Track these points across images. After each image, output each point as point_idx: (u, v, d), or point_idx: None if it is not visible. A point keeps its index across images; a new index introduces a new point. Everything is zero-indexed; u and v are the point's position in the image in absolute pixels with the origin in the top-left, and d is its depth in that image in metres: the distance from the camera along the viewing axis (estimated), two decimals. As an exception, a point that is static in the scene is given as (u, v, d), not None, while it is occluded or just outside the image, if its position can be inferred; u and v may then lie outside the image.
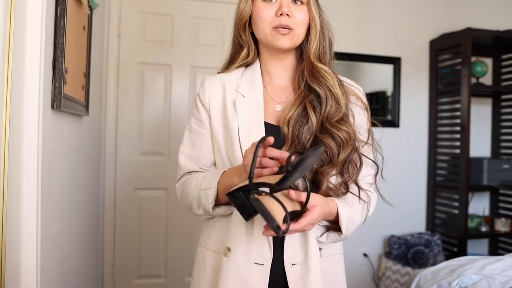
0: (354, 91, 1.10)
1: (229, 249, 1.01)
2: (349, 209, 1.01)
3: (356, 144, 1.03)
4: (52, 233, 1.29)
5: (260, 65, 1.13)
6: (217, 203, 1.04)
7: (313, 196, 0.91)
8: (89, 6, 1.68)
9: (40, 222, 1.12)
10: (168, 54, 2.66)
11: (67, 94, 1.35)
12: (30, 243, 1.09)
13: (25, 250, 1.08)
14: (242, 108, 1.06)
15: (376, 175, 1.09)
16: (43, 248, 1.17)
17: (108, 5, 2.53)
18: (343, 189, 1.03)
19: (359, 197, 1.04)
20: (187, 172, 1.13)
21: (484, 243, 3.22)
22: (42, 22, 1.09)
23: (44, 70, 1.12)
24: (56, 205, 1.34)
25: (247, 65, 1.14)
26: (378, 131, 1.15)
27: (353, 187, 1.04)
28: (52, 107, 1.24)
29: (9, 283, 1.07)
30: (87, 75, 1.73)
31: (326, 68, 1.05)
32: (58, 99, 1.24)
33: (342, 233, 1.01)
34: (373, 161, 1.08)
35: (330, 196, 1.01)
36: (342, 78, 1.11)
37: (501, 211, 3.15)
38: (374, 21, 2.97)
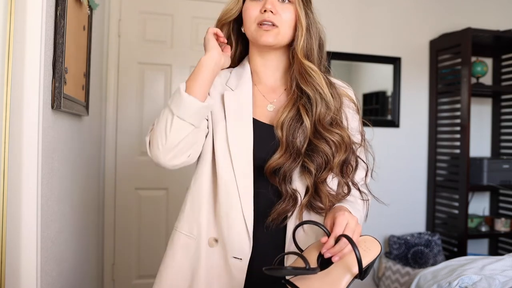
0: (346, 93, 1.11)
1: (216, 240, 1.04)
2: (358, 213, 1.03)
3: (354, 147, 1.05)
4: (52, 233, 1.29)
5: (250, 66, 1.14)
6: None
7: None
8: (89, 6, 1.68)
9: (40, 222, 1.12)
10: (168, 54, 2.66)
11: (67, 94, 1.35)
12: (30, 243, 1.09)
13: (25, 250, 1.08)
14: (230, 101, 1.07)
15: (366, 175, 1.11)
16: (43, 248, 1.17)
17: (108, 5, 2.53)
18: (344, 191, 1.05)
19: (361, 198, 1.08)
20: None
21: (484, 243, 3.22)
22: (42, 22, 1.09)
23: (44, 70, 1.12)
24: (56, 205, 1.34)
25: (235, 66, 1.16)
26: (377, 131, 1.16)
27: (352, 189, 1.07)
28: (52, 107, 1.23)
29: (9, 283, 1.06)
30: (87, 75, 1.73)
31: (312, 66, 1.05)
32: (58, 99, 1.23)
33: None
34: (364, 162, 1.10)
35: (333, 204, 1.03)
36: (334, 80, 1.12)
37: (501, 211, 3.14)
38: (374, 21, 2.96)
